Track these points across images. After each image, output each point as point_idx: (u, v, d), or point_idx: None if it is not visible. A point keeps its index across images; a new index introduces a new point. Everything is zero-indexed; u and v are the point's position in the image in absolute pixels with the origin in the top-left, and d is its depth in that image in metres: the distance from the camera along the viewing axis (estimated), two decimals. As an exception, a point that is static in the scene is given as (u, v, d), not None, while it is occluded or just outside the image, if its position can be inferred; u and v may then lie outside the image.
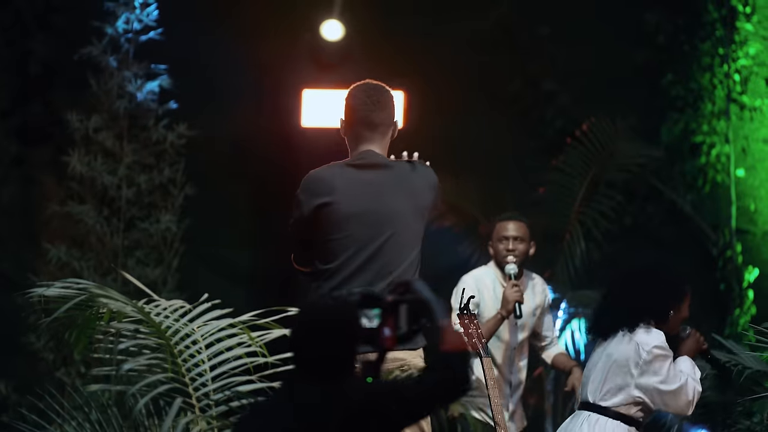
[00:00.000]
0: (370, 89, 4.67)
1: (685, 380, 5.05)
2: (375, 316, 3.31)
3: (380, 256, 4.49)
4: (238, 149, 9.06)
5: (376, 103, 4.64)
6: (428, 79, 8.84)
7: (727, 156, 8.94)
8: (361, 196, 4.53)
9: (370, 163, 4.57)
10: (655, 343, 5.05)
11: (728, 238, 8.87)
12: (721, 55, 8.99)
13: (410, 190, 4.53)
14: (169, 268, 8.20)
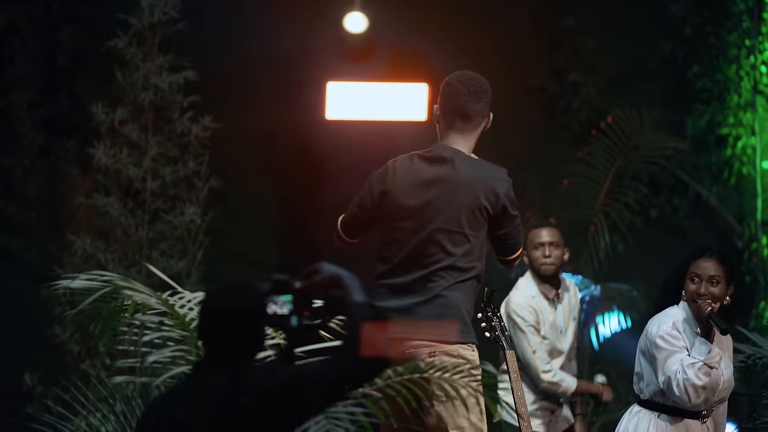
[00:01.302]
0: (468, 79, 4.62)
1: (667, 378, 5.05)
2: (285, 302, 3.30)
3: (420, 252, 4.50)
4: (262, 141, 9.07)
5: (473, 93, 4.59)
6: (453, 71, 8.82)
7: (752, 148, 8.89)
8: (412, 189, 4.56)
9: (437, 156, 4.57)
10: (657, 332, 5.08)
11: (754, 231, 8.83)
12: (748, 47, 8.94)
13: (467, 189, 4.49)
14: (194, 261, 8.22)
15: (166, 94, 8.24)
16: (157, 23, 8.24)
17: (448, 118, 4.60)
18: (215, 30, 8.70)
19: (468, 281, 4.48)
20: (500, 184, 4.50)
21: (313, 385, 3.21)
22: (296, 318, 3.28)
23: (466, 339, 4.44)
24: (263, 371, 3.28)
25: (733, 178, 8.94)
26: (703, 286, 5.07)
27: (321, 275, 3.32)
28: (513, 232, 4.53)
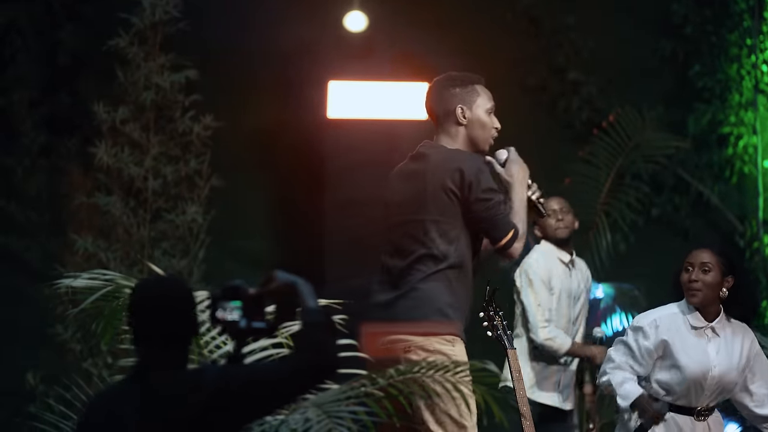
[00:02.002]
0: (437, 79, 4.72)
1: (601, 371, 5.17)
2: (234, 308, 3.33)
3: (398, 246, 4.55)
4: (264, 141, 9.07)
5: (433, 91, 4.69)
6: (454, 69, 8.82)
7: (754, 147, 8.90)
8: (395, 187, 4.65)
9: (417, 153, 4.65)
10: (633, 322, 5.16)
11: (755, 230, 8.84)
12: (749, 46, 8.94)
13: (433, 175, 4.52)
14: (195, 260, 8.23)
15: (167, 93, 8.25)
16: (158, 22, 8.25)
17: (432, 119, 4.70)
18: (217, 29, 8.71)
19: (445, 270, 4.47)
20: (467, 164, 4.50)
21: (265, 384, 3.24)
22: (244, 321, 3.31)
23: (443, 331, 4.43)
24: (215, 370, 3.30)
25: (734, 177, 8.94)
26: (695, 273, 5.09)
27: (275, 282, 3.35)
28: (487, 214, 4.47)
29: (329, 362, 3.29)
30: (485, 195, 4.48)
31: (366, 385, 4.16)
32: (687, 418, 5.11)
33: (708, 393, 5.11)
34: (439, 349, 4.41)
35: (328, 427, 4.00)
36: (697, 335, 5.13)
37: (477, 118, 4.63)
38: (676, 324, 5.14)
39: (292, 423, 4.09)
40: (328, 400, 4.15)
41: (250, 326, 3.33)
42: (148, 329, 3.31)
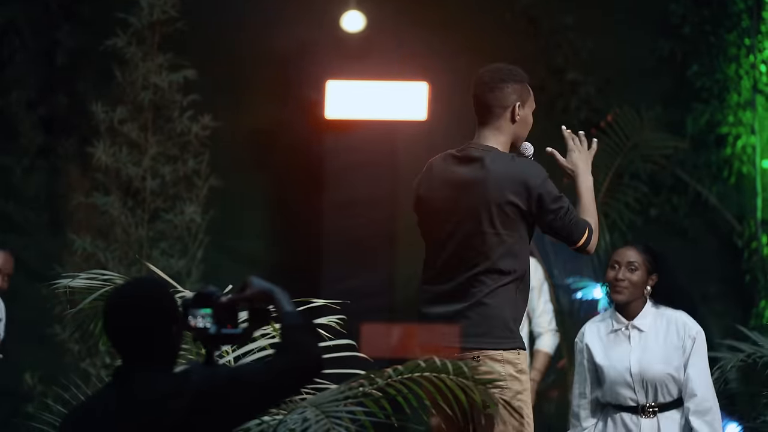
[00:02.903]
0: (488, 70, 4.52)
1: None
2: (205, 315, 3.33)
3: (458, 257, 4.44)
4: (262, 140, 9.07)
5: (489, 83, 4.47)
6: (452, 69, 8.83)
7: (752, 147, 8.90)
8: (443, 192, 4.49)
9: (467, 156, 4.46)
10: None
11: (754, 230, 8.84)
12: (747, 46, 8.94)
13: (496, 187, 4.40)
14: (194, 260, 8.23)
15: (165, 93, 8.25)
16: (156, 22, 8.25)
17: (475, 112, 4.53)
18: (214, 29, 8.71)
19: (510, 284, 4.41)
20: (532, 177, 4.38)
21: (249, 387, 3.23)
22: (214, 328, 3.31)
23: (510, 345, 4.39)
24: (196, 373, 3.29)
25: (732, 177, 8.94)
26: (621, 271, 5.13)
27: (250, 289, 3.36)
28: (561, 223, 4.38)
29: (312, 363, 3.29)
30: (555, 205, 4.39)
31: (364, 386, 4.16)
32: (633, 415, 5.14)
33: (641, 391, 5.12)
34: (507, 359, 4.38)
35: (326, 427, 4.00)
36: (615, 336, 5.18)
37: (526, 116, 4.52)
38: (599, 330, 5.21)
39: (290, 423, 4.09)
40: (326, 400, 4.15)
41: (219, 333, 3.34)
42: (125, 333, 3.30)
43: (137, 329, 3.29)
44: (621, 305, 5.18)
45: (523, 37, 9.21)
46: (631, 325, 5.18)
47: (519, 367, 4.38)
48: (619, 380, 5.12)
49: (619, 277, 5.15)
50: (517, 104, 4.47)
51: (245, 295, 3.36)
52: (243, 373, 3.30)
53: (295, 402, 4.27)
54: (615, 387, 5.13)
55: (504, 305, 4.41)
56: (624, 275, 5.15)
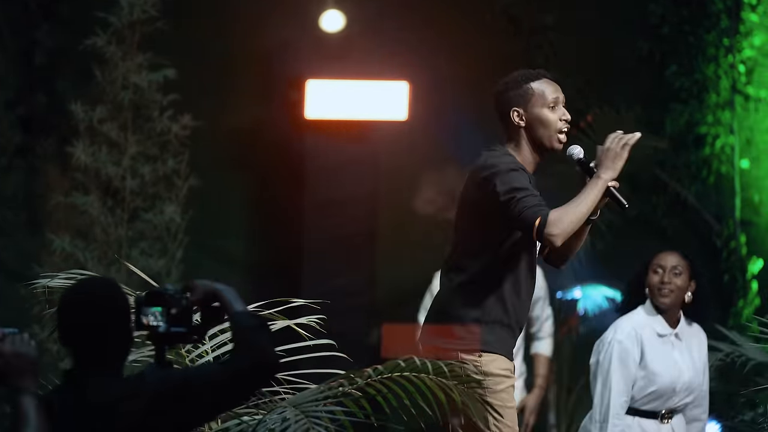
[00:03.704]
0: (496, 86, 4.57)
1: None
2: (156, 313, 3.33)
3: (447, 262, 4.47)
4: (242, 140, 9.06)
5: (493, 96, 4.55)
6: (433, 68, 8.83)
7: (731, 147, 8.93)
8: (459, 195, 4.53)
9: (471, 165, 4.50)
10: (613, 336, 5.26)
11: (732, 230, 8.86)
12: (726, 46, 8.97)
13: (467, 184, 4.44)
14: (173, 260, 8.22)
15: (145, 92, 8.23)
16: (136, 21, 8.23)
17: None
18: (194, 28, 8.70)
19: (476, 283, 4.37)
20: (488, 169, 4.37)
21: (203, 388, 3.23)
22: (164, 326, 3.31)
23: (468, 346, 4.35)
24: (151, 375, 3.28)
25: (711, 177, 8.96)
26: (666, 275, 5.13)
27: (194, 292, 3.35)
28: (510, 213, 4.31)
29: (269, 363, 3.28)
30: (505, 196, 4.31)
31: (344, 385, 4.16)
32: (651, 421, 5.14)
33: (677, 399, 5.14)
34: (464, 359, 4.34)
35: (305, 427, 4.00)
36: (663, 342, 5.16)
37: (536, 117, 4.46)
38: (646, 331, 5.17)
39: (269, 423, 4.08)
40: (306, 400, 4.15)
41: (169, 331, 3.33)
42: (79, 331, 3.28)
43: (92, 327, 3.26)
44: (662, 311, 5.16)
45: (503, 37, 9.21)
46: (675, 333, 5.18)
47: (479, 369, 4.31)
48: (668, 388, 5.10)
49: (665, 281, 5.14)
50: (514, 110, 4.45)
51: (193, 298, 3.35)
52: (199, 374, 3.29)
53: (275, 402, 4.27)
54: (659, 394, 5.11)
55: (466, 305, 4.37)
56: (670, 279, 5.14)
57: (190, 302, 3.35)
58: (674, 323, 5.16)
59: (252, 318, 3.31)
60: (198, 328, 3.38)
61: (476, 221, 4.40)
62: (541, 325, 6.71)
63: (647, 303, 5.18)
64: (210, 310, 3.36)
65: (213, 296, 3.35)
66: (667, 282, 5.12)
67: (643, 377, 5.10)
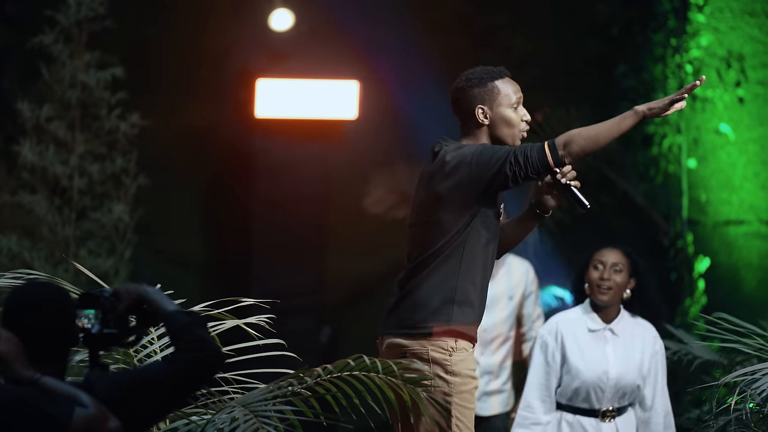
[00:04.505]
0: (455, 82, 4.51)
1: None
2: (89, 316, 3.33)
3: (408, 249, 4.40)
4: (191, 139, 9.02)
5: (451, 92, 4.50)
6: (383, 68, 8.84)
7: (679, 147, 9.00)
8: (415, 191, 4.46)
9: (431, 152, 4.42)
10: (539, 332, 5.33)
11: (679, 229, 8.94)
12: (674, 46, 9.04)
13: (426, 178, 4.37)
14: (122, 259, 8.18)
15: (93, 91, 8.19)
16: (84, 20, 8.19)
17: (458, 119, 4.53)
18: (143, 27, 8.66)
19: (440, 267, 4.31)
20: (466, 152, 4.31)
21: (152, 389, 3.21)
22: (97, 328, 3.30)
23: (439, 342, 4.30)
24: (98, 380, 3.26)
25: (659, 176, 9.03)
26: (606, 272, 5.13)
27: (123, 296, 3.34)
28: (516, 165, 4.24)
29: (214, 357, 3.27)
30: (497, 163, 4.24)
31: (294, 385, 4.15)
32: (591, 419, 5.14)
33: (609, 395, 5.13)
34: (435, 359, 4.29)
35: (254, 427, 3.99)
36: (594, 338, 5.16)
37: (500, 116, 4.43)
38: (574, 328, 5.16)
39: (218, 422, 4.07)
40: (255, 399, 4.14)
41: (101, 333, 3.32)
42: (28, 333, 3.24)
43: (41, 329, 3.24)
44: (599, 307, 5.16)
45: (454, 35, 9.24)
46: (608, 329, 5.17)
47: (449, 368, 4.28)
48: (593, 383, 5.09)
49: (604, 277, 5.13)
50: (479, 107, 4.42)
51: (122, 305, 3.33)
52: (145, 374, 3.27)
53: (224, 401, 4.26)
54: (585, 390, 5.10)
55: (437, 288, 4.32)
56: (609, 275, 5.13)
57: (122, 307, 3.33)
58: (610, 319, 5.16)
59: (187, 315, 3.29)
60: (133, 331, 3.36)
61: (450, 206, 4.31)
62: (531, 324, 6.56)
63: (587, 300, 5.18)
64: (144, 312, 3.35)
65: (141, 300, 3.33)
66: (607, 279, 5.12)
67: (567, 373, 5.11)
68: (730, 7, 9.00)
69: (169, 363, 3.27)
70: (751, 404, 4.34)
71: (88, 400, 3.14)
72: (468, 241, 4.32)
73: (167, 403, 3.29)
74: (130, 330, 3.36)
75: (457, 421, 4.29)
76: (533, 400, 5.13)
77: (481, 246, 4.34)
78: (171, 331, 3.29)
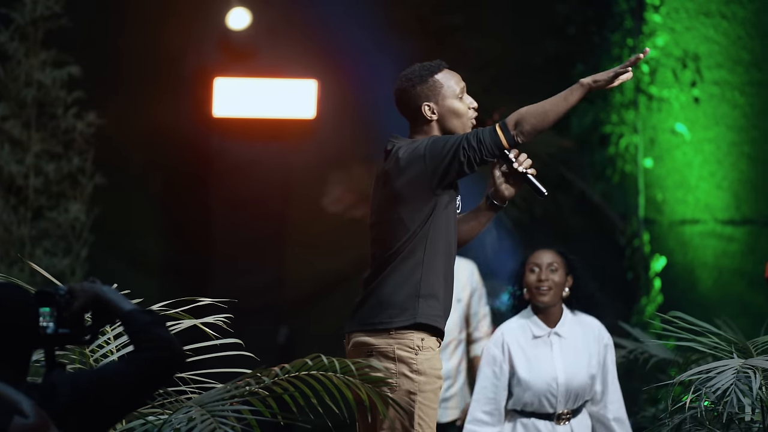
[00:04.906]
0: (395, 82, 4.46)
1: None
2: (45, 314, 3.32)
3: (372, 249, 4.39)
4: (149, 138, 8.98)
5: (394, 93, 4.46)
6: (341, 67, 8.83)
7: (635, 146, 9.06)
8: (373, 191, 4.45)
9: (384, 151, 4.41)
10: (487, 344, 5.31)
11: (636, 228, 8.99)
12: (630, 47, 9.10)
13: (382, 178, 4.37)
14: (78, 258, 8.14)
15: (49, 89, 8.14)
16: (39, 18, 8.14)
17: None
18: (99, 25, 8.61)
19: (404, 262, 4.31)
20: (401, 152, 4.32)
21: (114, 388, 3.20)
22: (52, 328, 3.28)
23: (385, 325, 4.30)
24: (58, 381, 3.24)
25: (616, 176, 9.08)
26: (543, 273, 5.14)
27: (78, 295, 3.31)
28: (455, 159, 4.24)
29: (175, 355, 3.25)
30: (450, 150, 4.23)
31: (251, 384, 4.14)
32: (546, 422, 5.16)
33: (562, 400, 5.13)
34: (401, 357, 4.28)
35: (211, 427, 3.98)
36: (540, 344, 5.16)
37: (447, 108, 4.41)
38: (519, 337, 5.16)
39: (175, 422, 4.05)
40: (212, 399, 4.13)
41: (56, 333, 3.31)
42: None
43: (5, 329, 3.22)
44: (541, 311, 5.15)
45: (411, 35, 9.25)
46: (553, 333, 5.16)
47: (414, 367, 4.27)
48: (542, 390, 5.08)
49: (542, 278, 5.13)
50: (425, 104, 4.40)
51: (77, 304, 3.31)
52: (106, 375, 3.25)
53: (181, 401, 4.24)
54: (535, 396, 5.10)
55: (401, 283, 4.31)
56: (547, 276, 5.14)
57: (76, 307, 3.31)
58: (553, 322, 5.16)
59: (145, 314, 3.27)
60: (88, 330, 3.34)
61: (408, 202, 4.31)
62: (478, 323, 6.55)
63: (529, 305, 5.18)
64: (99, 312, 3.32)
65: (96, 299, 3.31)
66: (545, 279, 5.13)
67: (517, 384, 5.10)
68: (685, 8, 9.07)
69: (129, 363, 3.25)
70: (706, 402, 4.36)
71: (30, 408, 3.09)
72: (430, 235, 4.32)
73: (127, 403, 3.27)
74: (85, 329, 3.34)
75: (420, 421, 4.29)
76: (480, 413, 5.12)
77: (443, 238, 4.35)
78: (130, 330, 3.27)
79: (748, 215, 8.91)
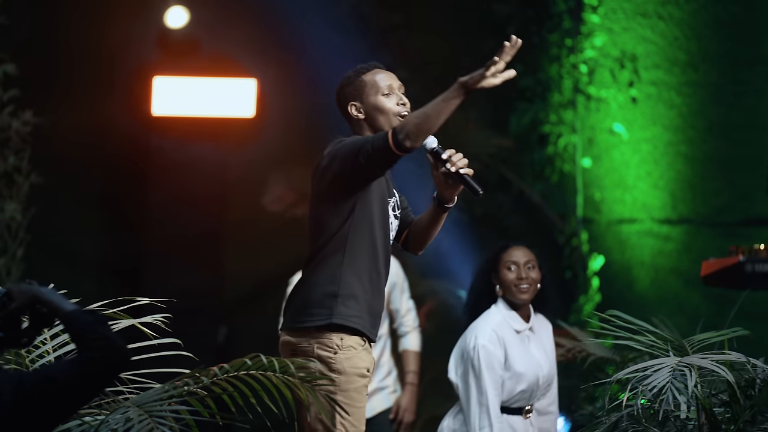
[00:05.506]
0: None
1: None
2: None
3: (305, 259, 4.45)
4: (86, 137, 8.91)
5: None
6: (281, 66, 8.81)
7: (574, 146, 9.11)
8: None
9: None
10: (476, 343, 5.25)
11: (574, 227, 9.05)
12: (569, 47, 9.15)
13: (312, 177, 4.43)
14: (14, 258, 8.06)
15: (-16, 88, 8.07)
16: (-24, 15, 8.06)
17: None
18: (35, 23, 8.53)
19: (324, 260, 4.36)
20: (333, 144, 4.40)
21: (58, 389, 3.18)
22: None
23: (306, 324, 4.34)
24: (8, 380, 3.21)
25: (555, 175, 9.14)
26: (522, 270, 5.18)
27: (15, 296, 3.29)
28: (363, 154, 4.28)
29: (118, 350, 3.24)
30: (353, 149, 4.29)
31: (189, 384, 4.12)
32: (518, 417, 5.20)
33: (540, 392, 5.22)
34: (320, 356, 4.31)
35: (149, 427, 3.96)
36: (521, 339, 5.22)
37: (371, 105, 4.48)
38: (506, 331, 5.21)
39: (112, 423, 4.03)
40: (150, 399, 4.11)
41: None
42: None
43: None
44: (519, 307, 5.19)
45: (352, 35, 9.25)
46: (529, 328, 5.22)
47: (333, 366, 4.31)
48: (532, 384, 5.14)
49: (522, 276, 5.16)
50: (351, 104, 4.49)
51: (12, 308, 3.27)
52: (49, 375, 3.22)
53: (118, 402, 4.22)
54: (530, 390, 5.15)
55: (321, 282, 4.35)
56: (526, 274, 5.17)
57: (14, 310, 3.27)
58: (527, 317, 5.23)
59: (86, 314, 3.25)
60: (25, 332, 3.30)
61: (329, 203, 4.36)
62: (402, 318, 6.60)
63: (499, 301, 5.21)
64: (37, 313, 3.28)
65: (35, 300, 3.27)
66: (525, 277, 5.18)
67: (510, 377, 5.13)
68: (623, 8, 9.14)
69: (75, 362, 3.22)
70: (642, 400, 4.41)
71: None
72: (350, 236, 4.35)
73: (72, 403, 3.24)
74: (22, 331, 3.30)
75: (343, 420, 4.30)
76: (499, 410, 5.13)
77: (367, 239, 4.37)
78: (74, 330, 3.24)
79: (684, 214, 9.00)
